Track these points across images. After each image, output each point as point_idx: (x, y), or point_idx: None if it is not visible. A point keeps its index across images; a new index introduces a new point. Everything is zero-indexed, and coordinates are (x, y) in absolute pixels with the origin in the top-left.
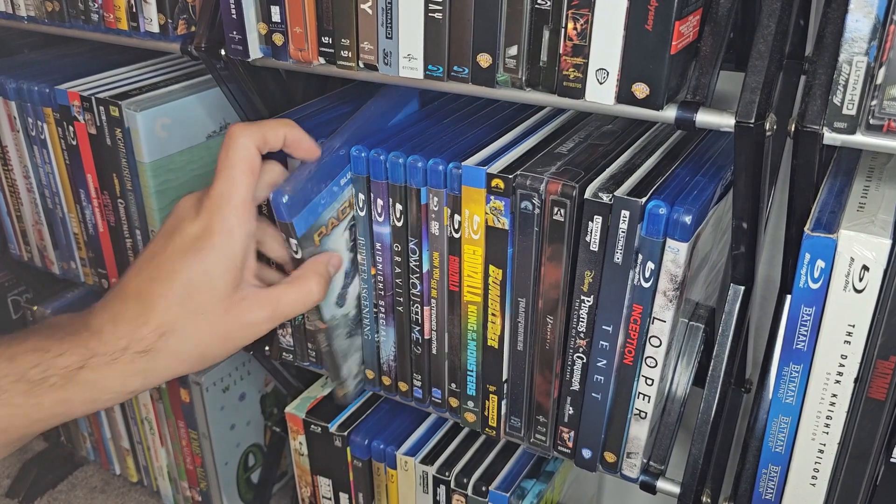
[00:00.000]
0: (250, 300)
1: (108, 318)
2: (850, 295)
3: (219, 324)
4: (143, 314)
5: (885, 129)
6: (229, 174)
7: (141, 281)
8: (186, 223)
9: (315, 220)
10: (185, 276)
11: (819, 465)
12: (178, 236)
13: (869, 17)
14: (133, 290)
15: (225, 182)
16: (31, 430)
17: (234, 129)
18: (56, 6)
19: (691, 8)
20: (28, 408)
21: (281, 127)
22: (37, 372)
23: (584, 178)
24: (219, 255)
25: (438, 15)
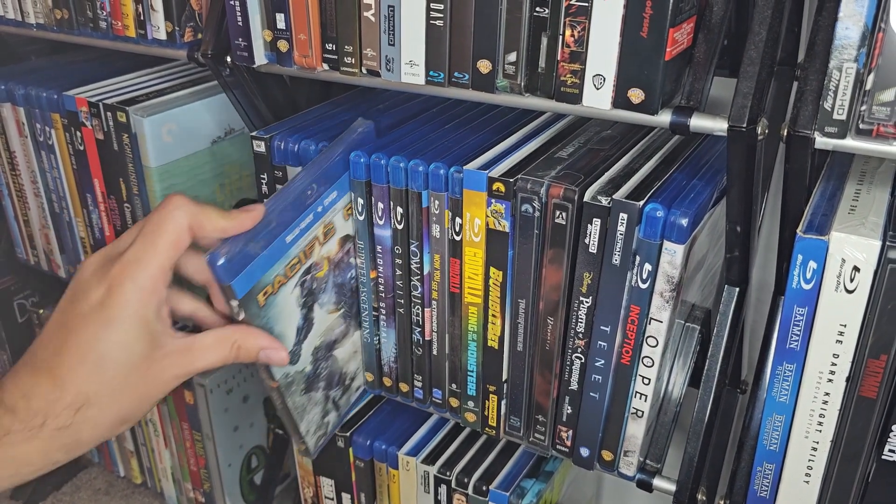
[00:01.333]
0: (172, 356)
1: (19, 395)
2: (841, 295)
3: (139, 386)
4: (55, 389)
5: (874, 134)
6: (153, 241)
7: (51, 353)
8: (91, 289)
9: (258, 279)
10: (95, 346)
11: (812, 463)
12: (82, 303)
13: (858, 25)
14: (43, 364)
15: (146, 248)
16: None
17: (173, 199)
18: (65, 14)
19: (685, 16)
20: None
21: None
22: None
23: (584, 182)
24: (132, 322)
25: (439, 22)
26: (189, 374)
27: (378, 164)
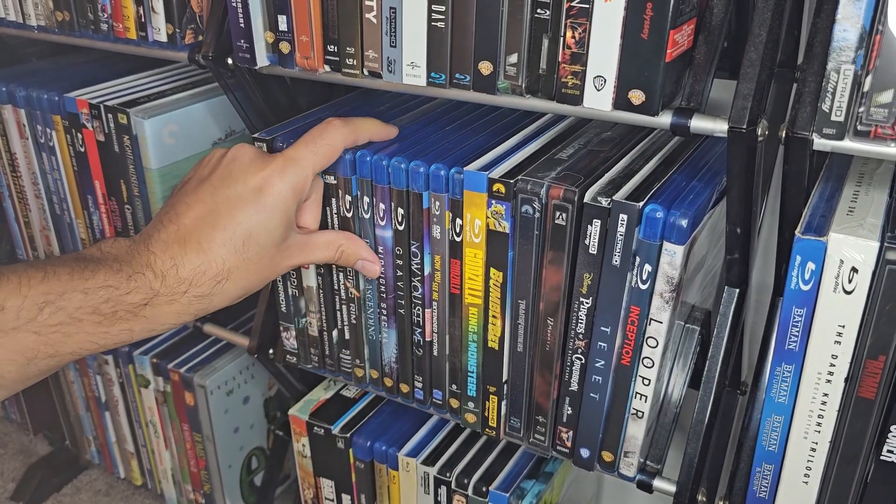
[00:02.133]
0: (293, 248)
1: (170, 264)
2: (839, 296)
3: (266, 269)
4: (203, 263)
5: (872, 135)
6: (312, 147)
7: (201, 227)
8: (250, 174)
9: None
10: (245, 227)
11: (811, 464)
12: (239, 185)
13: (856, 27)
14: (192, 235)
15: (304, 150)
16: (95, 351)
17: (334, 121)
18: (66, 16)
19: (685, 17)
20: (98, 336)
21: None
22: (108, 306)
23: (584, 183)
24: (279, 211)
25: (441, 24)
26: (302, 264)
27: (379, 164)
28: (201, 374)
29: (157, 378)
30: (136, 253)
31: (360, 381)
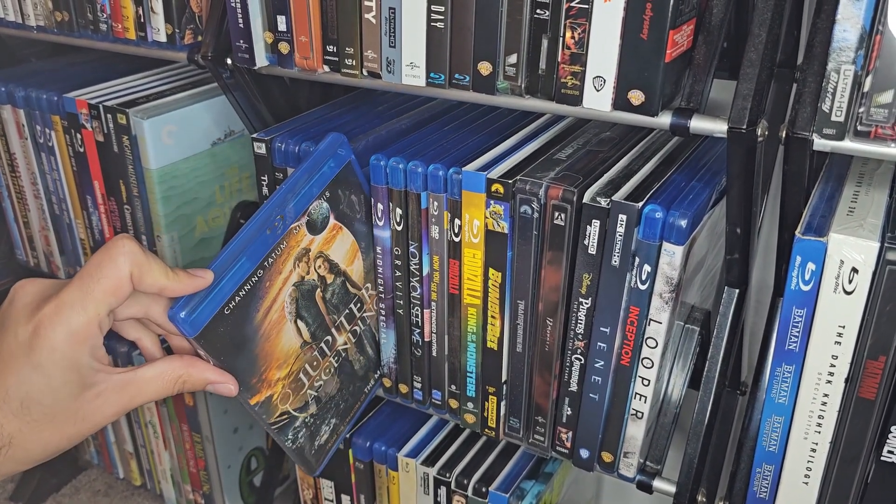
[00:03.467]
0: (106, 394)
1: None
2: (839, 297)
3: (67, 425)
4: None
5: (872, 136)
6: (91, 286)
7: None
8: (21, 325)
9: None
10: (22, 388)
11: (811, 464)
12: (10, 338)
13: (856, 28)
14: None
15: (83, 293)
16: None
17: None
18: (65, 16)
19: (685, 18)
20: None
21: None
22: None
23: (583, 184)
24: (59, 367)
25: (440, 24)
26: (129, 408)
27: (377, 165)
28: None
29: None
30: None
31: None
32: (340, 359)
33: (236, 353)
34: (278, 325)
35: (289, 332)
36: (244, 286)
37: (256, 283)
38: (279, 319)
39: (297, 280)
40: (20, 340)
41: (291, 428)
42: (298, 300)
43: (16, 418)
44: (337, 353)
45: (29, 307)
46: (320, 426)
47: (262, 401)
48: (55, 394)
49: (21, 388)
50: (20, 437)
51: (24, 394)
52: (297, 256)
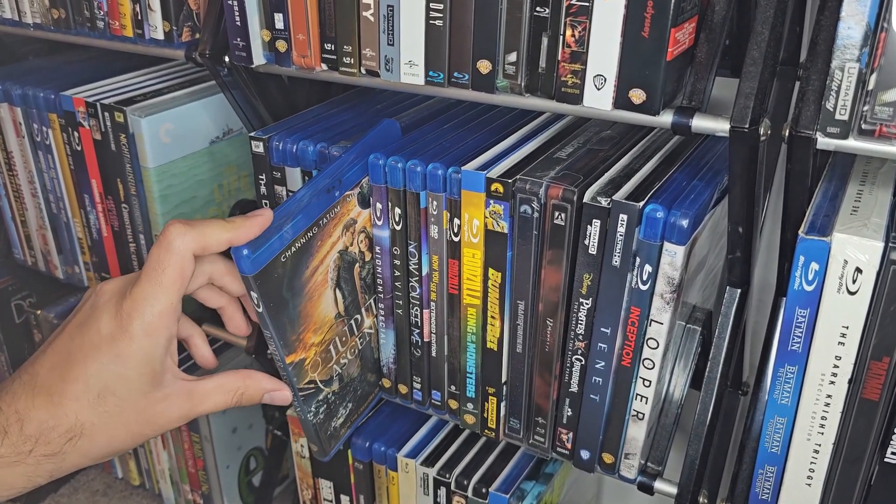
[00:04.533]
0: (171, 398)
1: (14, 418)
2: (843, 297)
3: (132, 423)
4: (52, 417)
5: (876, 134)
6: (158, 278)
7: (51, 377)
8: (104, 320)
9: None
10: (101, 379)
11: (814, 466)
12: (92, 332)
13: (860, 25)
14: (42, 387)
15: (152, 285)
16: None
17: (171, 232)
18: (62, 13)
19: (687, 15)
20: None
21: (224, 233)
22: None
23: (584, 183)
24: (137, 358)
25: (439, 22)
26: (188, 418)
27: (376, 164)
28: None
29: None
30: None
31: None
32: (364, 342)
33: (283, 304)
34: (321, 288)
35: (328, 298)
36: (300, 239)
37: (310, 239)
38: (322, 282)
39: (342, 248)
40: (103, 334)
41: (315, 400)
42: (340, 268)
43: (91, 409)
44: (362, 336)
45: (111, 303)
46: (338, 407)
47: (296, 362)
48: (129, 386)
49: (101, 378)
50: (92, 428)
51: (103, 385)
52: (346, 225)
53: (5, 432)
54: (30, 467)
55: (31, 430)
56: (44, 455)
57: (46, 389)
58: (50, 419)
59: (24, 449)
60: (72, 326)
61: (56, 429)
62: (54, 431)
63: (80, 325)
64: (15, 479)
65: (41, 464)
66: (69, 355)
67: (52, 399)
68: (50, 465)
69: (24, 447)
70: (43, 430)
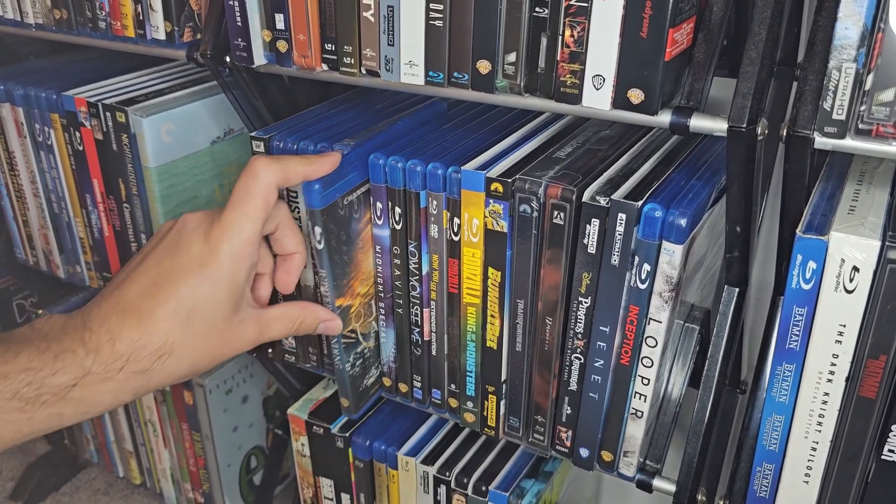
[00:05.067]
0: (245, 323)
1: (106, 338)
2: (840, 295)
3: (213, 345)
4: (143, 336)
5: (873, 134)
6: (245, 208)
7: (142, 298)
8: (194, 245)
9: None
10: (190, 299)
11: (812, 463)
12: (182, 256)
13: (857, 25)
14: (133, 307)
15: (239, 214)
16: (20, 441)
17: (257, 164)
18: (64, 14)
19: (685, 16)
20: (21, 423)
21: (302, 167)
22: (30, 390)
23: (583, 182)
24: (225, 282)
25: (439, 23)
26: (258, 342)
27: (376, 163)
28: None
29: None
30: (69, 329)
31: None
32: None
33: (339, 246)
34: (369, 243)
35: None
36: (358, 189)
37: (365, 192)
38: (371, 238)
39: None
40: (194, 256)
41: (354, 352)
42: None
43: (180, 329)
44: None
45: (199, 230)
46: (370, 367)
47: (344, 307)
48: (215, 308)
49: (191, 299)
50: (180, 347)
51: (192, 305)
52: None
53: (97, 350)
54: (118, 384)
55: (123, 349)
56: (133, 372)
57: (137, 310)
58: (142, 338)
59: (114, 366)
60: (160, 251)
61: (146, 347)
62: (145, 350)
63: (170, 250)
64: (103, 397)
65: (129, 381)
66: (158, 278)
67: (142, 319)
68: (137, 383)
69: (115, 364)
70: (134, 349)
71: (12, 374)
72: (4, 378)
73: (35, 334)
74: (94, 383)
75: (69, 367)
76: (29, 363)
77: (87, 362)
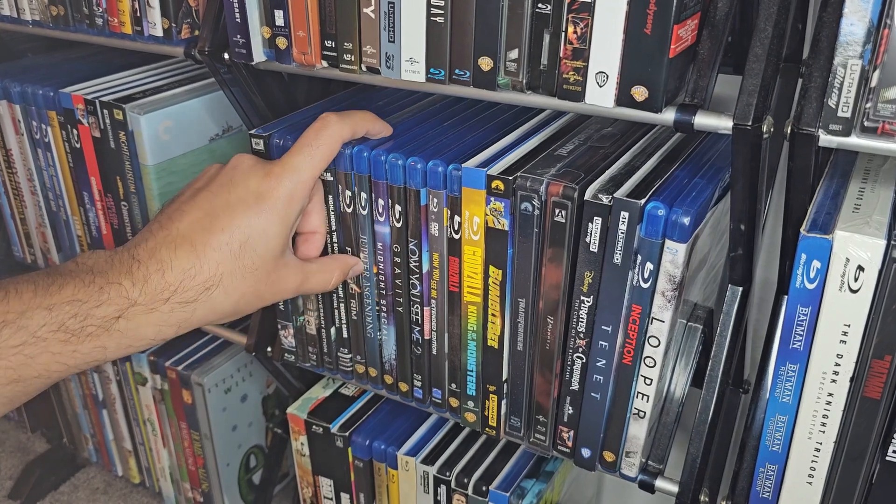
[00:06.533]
0: (290, 267)
1: (155, 267)
2: (845, 295)
3: (260, 283)
4: (194, 266)
5: (879, 132)
6: (310, 152)
7: (195, 230)
8: (252, 179)
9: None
10: (244, 231)
11: (815, 464)
12: (239, 189)
13: (863, 21)
14: (185, 238)
15: (304, 157)
16: (66, 375)
17: (329, 117)
18: (61, 10)
19: (689, 12)
20: (66, 355)
21: (367, 124)
22: (75, 322)
23: (585, 180)
24: (279, 218)
25: (440, 19)
26: (299, 291)
27: (378, 160)
28: (199, 372)
29: (154, 376)
30: (115, 262)
31: (359, 378)
32: None
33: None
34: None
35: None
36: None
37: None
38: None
39: None
40: (251, 190)
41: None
42: None
43: (232, 260)
44: None
45: (258, 167)
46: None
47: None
48: (267, 245)
49: (245, 231)
50: (228, 279)
51: (246, 237)
52: None
53: (145, 281)
54: (163, 315)
55: (173, 278)
56: (178, 303)
57: (189, 240)
58: (193, 267)
59: (161, 297)
60: (214, 187)
61: (197, 276)
62: (195, 280)
63: (226, 184)
64: (147, 329)
65: (174, 312)
66: (214, 209)
67: (195, 248)
68: (181, 315)
69: (163, 295)
70: (185, 278)
71: (57, 305)
72: (50, 310)
73: (80, 268)
74: (138, 315)
75: (114, 299)
76: (74, 295)
77: (134, 293)
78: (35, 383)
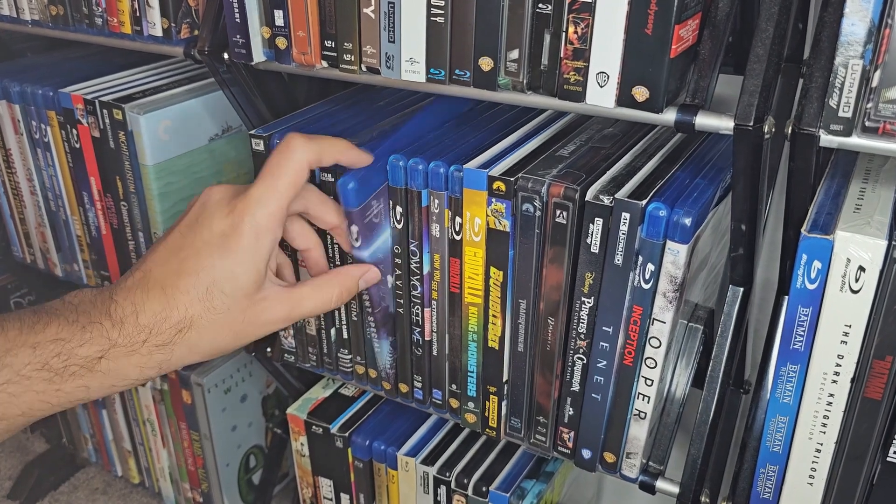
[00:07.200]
0: (270, 300)
1: (130, 309)
2: (846, 295)
3: (236, 322)
4: (165, 309)
5: (880, 132)
6: (273, 183)
7: (166, 273)
8: (216, 219)
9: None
10: (211, 273)
11: (816, 465)
12: (205, 230)
13: (864, 21)
14: (157, 282)
15: (266, 188)
16: (49, 413)
17: (292, 141)
18: (60, 10)
19: (690, 12)
20: (49, 394)
21: (337, 153)
22: (58, 361)
23: (586, 181)
24: (246, 256)
25: (440, 19)
26: (290, 320)
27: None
28: (198, 372)
29: None
30: (98, 301)
31: (359, 379)
32: None
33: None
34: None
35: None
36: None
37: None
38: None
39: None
40: (215, 231)
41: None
42: None
43: (200, 303)
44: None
45: (223, 203)
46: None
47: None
48: (235, 284)
49: (210, 273)
50: (199, 322)
51: (212, 280)
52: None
53: (122, 323)
54: (143, 357)
55: (146, 321)
56: (155, 346)
57: (160, 283)
58: (162, 310)
59: (138, 339)
60: (183, 226)
61: (168, 320)
62: (166, 322)
63: (192, 225)
64: (129, 370)
65: (153, 354)
66: (181, 251)
67: (164, 292)
68: (160, 356)
69: (139, 337)
70: (156, 321)
71: (42, 343)
72: (34, 348)
73: (66, 306)
74: (119, 356)
75: (96, 339)
76: (58, 334)
77: (114, 334)
78: (18, 421)
